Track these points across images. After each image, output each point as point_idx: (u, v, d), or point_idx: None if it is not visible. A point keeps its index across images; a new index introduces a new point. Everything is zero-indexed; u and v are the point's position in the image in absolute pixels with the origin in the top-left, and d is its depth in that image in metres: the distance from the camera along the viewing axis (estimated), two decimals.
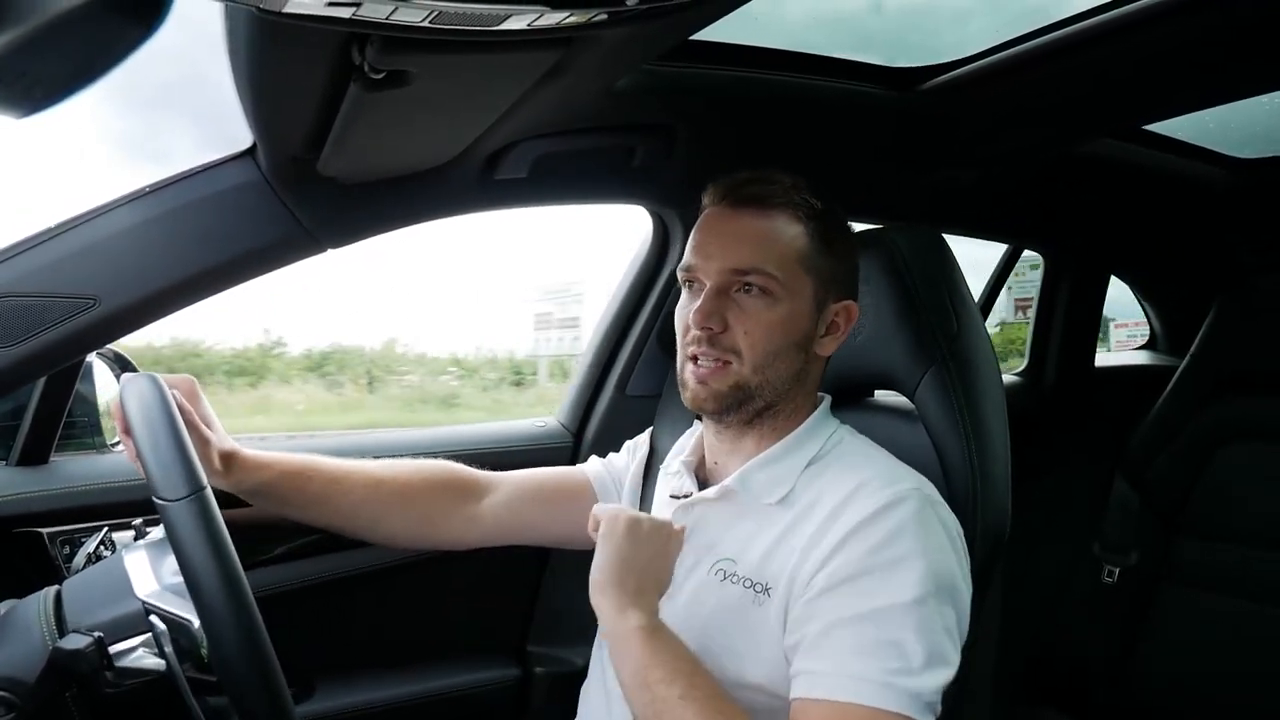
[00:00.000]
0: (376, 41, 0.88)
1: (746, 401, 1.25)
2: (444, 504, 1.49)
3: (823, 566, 1.12)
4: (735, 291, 1.23)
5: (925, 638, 1.06)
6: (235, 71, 1.04)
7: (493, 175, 1.51)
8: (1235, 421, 2.31)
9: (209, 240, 1.33)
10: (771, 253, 1.22)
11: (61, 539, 1.53)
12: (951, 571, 1.13)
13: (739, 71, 1.58)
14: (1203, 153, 2.31)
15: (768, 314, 1.22)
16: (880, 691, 1.03)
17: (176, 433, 1.03)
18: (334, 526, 1.47)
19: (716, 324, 1.22)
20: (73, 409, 1.63)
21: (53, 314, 1.24)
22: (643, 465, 1.54)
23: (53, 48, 0.60)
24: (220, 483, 1.32)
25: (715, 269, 1.23)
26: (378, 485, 1.47)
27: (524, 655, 2.02)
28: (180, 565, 0.96)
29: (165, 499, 0.98)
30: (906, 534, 1.11)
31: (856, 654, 1.06)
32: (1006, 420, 1.35)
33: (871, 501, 1.13)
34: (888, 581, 1.09)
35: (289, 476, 1.41)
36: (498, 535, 1.53)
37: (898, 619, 1.07)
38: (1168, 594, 2.34)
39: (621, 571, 1.14)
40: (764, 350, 1.22)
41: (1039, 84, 1.60)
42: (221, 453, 1.34)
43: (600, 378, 2.14)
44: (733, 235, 1.24)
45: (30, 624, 1.04)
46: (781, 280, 1.21)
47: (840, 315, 1.29)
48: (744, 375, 1.23)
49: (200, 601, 0.95)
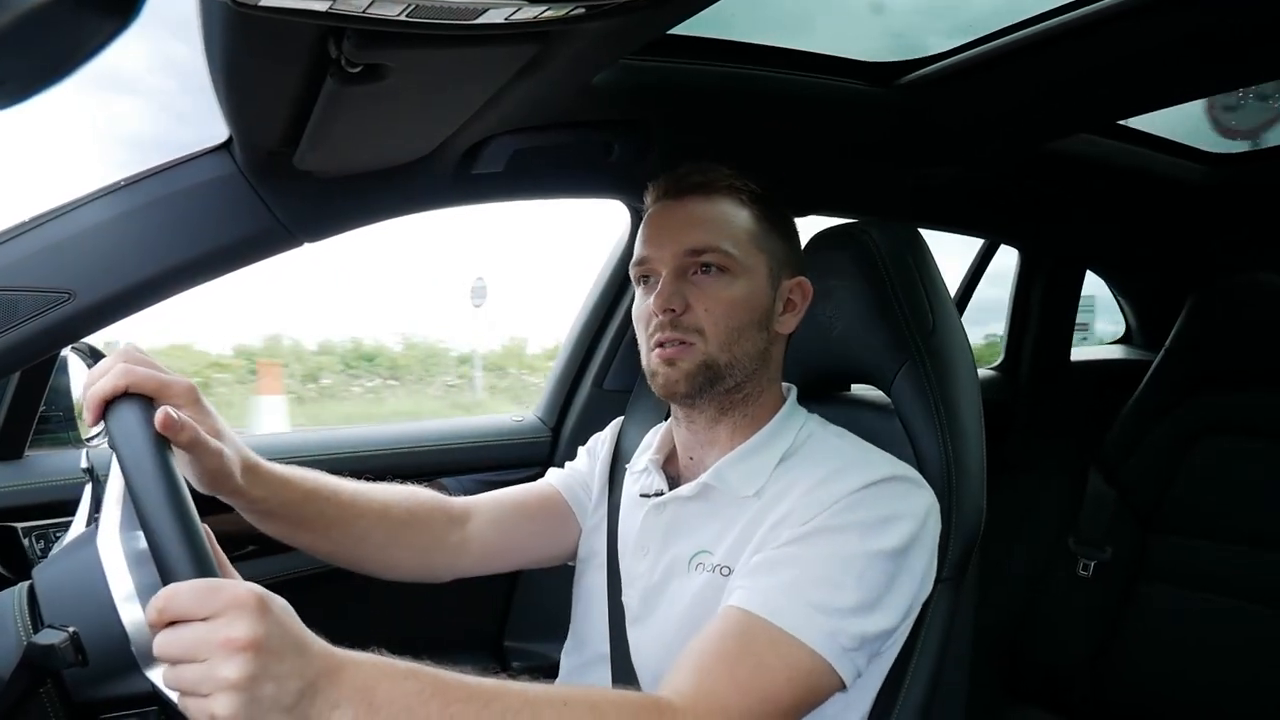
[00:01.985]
0: (353, 35, 0.88)
1: (716, 380, 1.25)
2: (438, 531, 1.40)
3: (792, 529, 1.14)
4: (692, 274, 1.25)
5: (864, 585, 1.08)
6: (210, 65, 1.03)
7: (469, 170, 1.50)
8: (1210, 417, 2.32)
9: (184, 234, 1.32)
10: (724, 232, 1.24)
11: (36, 533, 1.53)
12: (914, 538, 1.14)
13: (717, 66, 1.59)
14: (1179, 148, 2.33)
15: (727, 291, 1.24)
16: (798, 621, 1.05)
17: (187, 520, 0.89)
18: (339, 554, 1.33)
19: (678, 304, 1.23)
20: (48, 403, 1.63)
21: (27, 308, 1.23)
22: (608, 466, 1.53)
23: (26, 43, 0.59)
24: (240, 501, 1.19)
25: (669, 254, 1.25)
26: (385, 511, 1.35)
27: (501, 650, 2.02)
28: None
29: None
30: (876, 502, 1.13)
31: (791, 583, 1.08)
32: (982, 415, 1.36)
33: (846, 484, 1.15)
34: (845, 535, 1.11)
35: (308, 497, 1.26)
36: (485, 562, 1.44)
37: (841, 563, 1.09)
38: (1143, 590, 2.36)
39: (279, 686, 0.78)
40: (727, 327, 1.23)
41: (1017, 79, 1.60)
42: (243, 463, 1.16)
43: (578, 372, 2.15)
44: (683, 221, 1.26)
45: (3, 619, 1.03)
46: (737, 257, 1.24)
47: (795, 292, 1.31)
48: (711, 353, 1.23)
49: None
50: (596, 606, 1.38)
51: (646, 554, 1.33)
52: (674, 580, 1.27)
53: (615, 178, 1.77)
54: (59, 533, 1.51)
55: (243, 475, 1.16)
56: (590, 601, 1.41)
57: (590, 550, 1.45)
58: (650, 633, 1.30)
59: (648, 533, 1.34)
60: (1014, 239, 2.75)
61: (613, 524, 1.42)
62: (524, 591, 2.03)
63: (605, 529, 1.43)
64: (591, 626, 1.39)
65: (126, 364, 1.01)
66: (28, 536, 1.52)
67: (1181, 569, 2.31)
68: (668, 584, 1.28)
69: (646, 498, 1.36)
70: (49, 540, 1.53)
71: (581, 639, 1.42)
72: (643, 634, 1.31)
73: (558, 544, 1.50)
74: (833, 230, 1.50)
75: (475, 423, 2.13)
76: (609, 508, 1.46)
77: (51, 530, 1.53)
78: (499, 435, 2.09)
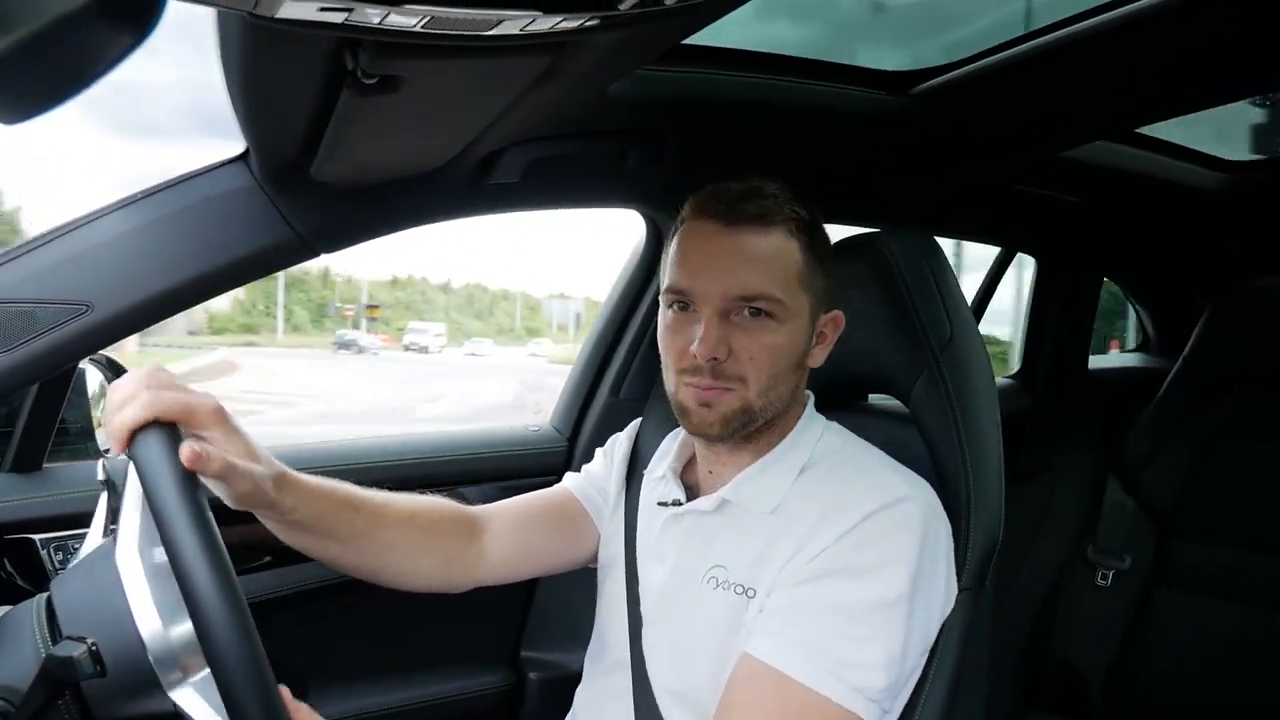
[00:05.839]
0: (369, 47, 0.88)
1: (749, 423, 1.23)
2: (459, 541, 1.39)
3: (807, 563, 1.13)
4: (735, 315, 1.19)
5: (885, 637, 1.08)
6: (228, 76, 1.03)
7: (486, 179, 1.50)
8: (1229, 424, 2.31)
9: (202, 245, 1.33)
10: (776, 276, 1.18)
11: (54, 545, 1.53)
12: (931, 578, 1.14)
13: (732, 75, 1.59)
14: (1196, 155, 2.32)
15: (772, 338, 1.19)
16: (824, 677, 1.05)
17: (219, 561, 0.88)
18: (363, 566, 1.31)
19: (722, 353, 1.18)
20: (66, 415, 1.63)
21: (45, 320, 1.24)
22: (625, 470, 1.52)
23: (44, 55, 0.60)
24: (272, 515, 1.18)
25: (717, 294, 1.18)
26: (410, 519, 1.34)
27: (517, 661, 2.02)
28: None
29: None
30: (892, 537, 1.12)
31: (815, 634, 1.08)
32: (999, 424, 1.35)
33: (862, 507, 1.13)
34: (864, 580, 1.10)
35: (340, 507, 1.25)
36: (502, 571, 1.43)
37: (864, 615, 1.08)
38: (1162, 597, 2.34)
39: None
40: (769, 374, 1.20)
41: (1033, 87, 1.60)
42: (275, 477, 1.14)
43: (594, 381, 2.15)
44: (735, 258, 1.19)
45: (22, 631, 1.03)
46: (786, 302, 1.19)
47: (828, 326, 1.29)
48: (749, 399, 1.20)
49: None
50: (617, 612, 1.38)
51: (663, 562, 1.32)
52: (688, 590, 1.26)
53: (631, 187, 1.77)
54: (77, 545, 1.51)
55: (275, 489, 1.14)
56: (611, 607, 1.41)
57: (611, 556, 1.44)
58: (662, 639, 1.29)
59: (665, 542, 1.33)
60: (1031, 248, 2.74)
61: (631, 530, 1.42)
62: (541, 601, 2.03)
63: (624, 535, 1.42)
64: (613, 633, 1.38)
65: (152, 390, 0.97)
66: (46, 548, 1.53)
67: (1201, 577, 2.29)
68: (681, 593, 1.27)
69: (664, 506, 1.36)
70: (67, 552, 1.53)
71: (604, 644, 1.41)
72: (654, 640, 1.31)
73: (575, 549, 1.49)
74: (850, 240, 1.49)
75: (492, 432, 2.13)
76: (626, 512, 1.45)
77: (70, 542, 1.54)
78: (515, 444, 2.09)
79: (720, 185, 1.24)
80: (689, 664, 1.23)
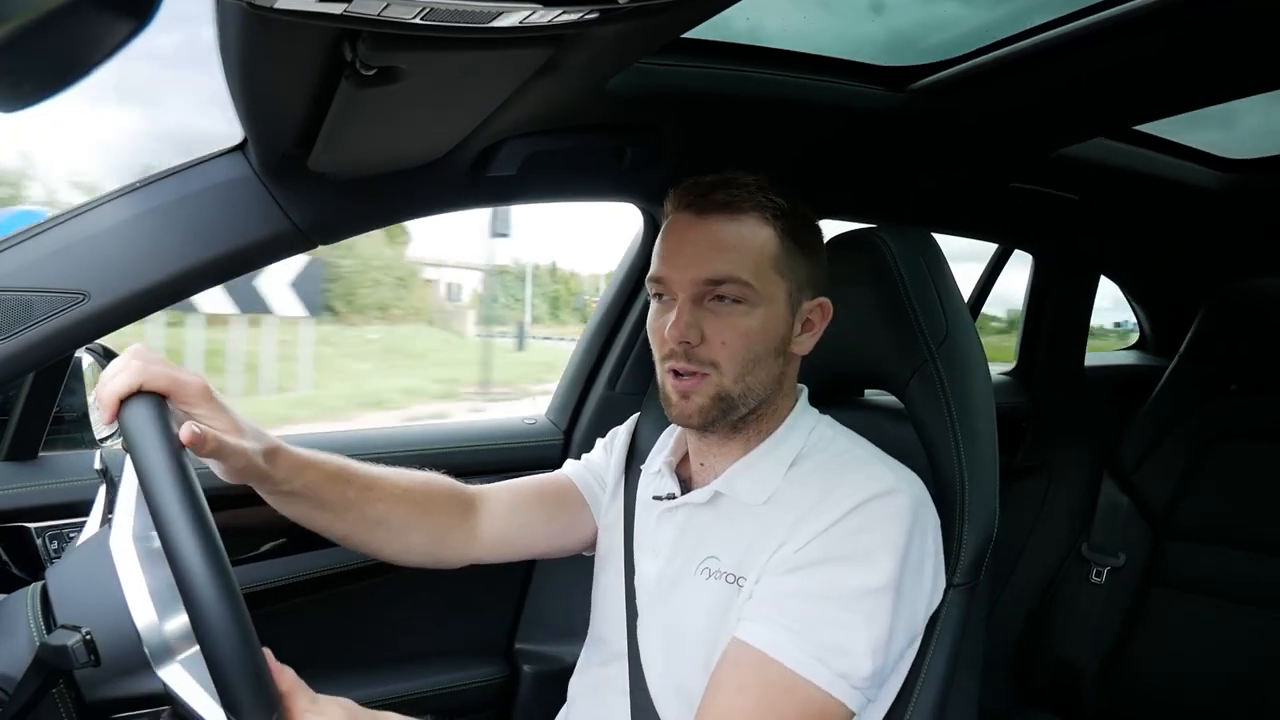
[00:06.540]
0: (368, 38, 0.88)
1: (730, 411, 1.24)
2: (452, 518, 1.42)
3: (795, 551, 1.15)
4: (709, 301, 1.21)
5: (872, 624, 1.10)
6: (226, 67, 1.03)
7: (483, 172, 1.50)
8: (1225, 422, 2.31)
9: (199, 235, 1.32)
10: (744, 260, 1.21)
11: (49, 534, 1.53)
12: (918, 569, 1.16)
13: (730, 70, 1.58)
14: (1195, 153, 2.32)
15: (744, 321, 1.21)
16: (810, 662, 1.07)
17: (203, 523, 0.91)
18: (354, 536, 1.36)
19: (694, 337, 1.21)
20: (62, 404, 1.63)
21: (42, 309, 1.23)
22: (623, 462, 1.53)
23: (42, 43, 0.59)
24: (265, 485, 1.23)
25: (688, 280, 1.21)
26: (403, 494, 1.38)
27: (512, 653, 2.02)
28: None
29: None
30: (880, 527, 1.13)
31: (802, 620, 1.10)
32: (995, 421, 1.35)
33: (851, 497, 1.15)
34: (852, 567, 1.11)
35: (331, 479, 1.31)
36: (497, 550, 1.46)
37: (851, 602, 1.10)
38: (1156, 596, 2.35)
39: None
40: (743, 359, 1.21)
41: (1031, 84, 1.60)
42: (265, 450, 1.21)
43: (590, 375, 2.15)
44: (704, 245, 1.22)
45: (17, 619, 1.03)
46: (756, 287, 1.20)
47: (814, 313, 1.29)
48: (725, 385, 1.22)
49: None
50: (614, 605, 1.39)
51: (658, 555, 1.33)
52: (683, 582, 1.27)
53: (629, 181, 1.77)
54: (73, 533, 1.51)
55: (266, 460, 1.20)
56: (607, 600, 1.41)
57: (607, 548, 1.45)
58: (656, 631, 1.30)
59: (660, 535, 1.34)
60: (1028, 244, 2.74)
61: (628, 522, 1.43)
62: (536, 593, 2.03)
63: (621, 527, 1.43)
64: (609, 625, 1.39)
65: (140, 362, 1.03)
66: (41, 537, 1.53)
67: (1195, 575, 2.30)
68: (676, 586, 1.28)
69: (659, 500, 1.36)
70: (63, 541, 1.53)
71: (600, 636, 1.42)
72: (649, 631, 1.31)
73: (570, 535, 1.51)
74: (846, 235, 1.49)
75: (487, 424, 2.13)
76: (624, 505, 1.46)
77: (65, 531, 1.54)
78: (511, 437, 2.09)
79: (697, 179, 1.26)
80: (682, 654, 1.24)
